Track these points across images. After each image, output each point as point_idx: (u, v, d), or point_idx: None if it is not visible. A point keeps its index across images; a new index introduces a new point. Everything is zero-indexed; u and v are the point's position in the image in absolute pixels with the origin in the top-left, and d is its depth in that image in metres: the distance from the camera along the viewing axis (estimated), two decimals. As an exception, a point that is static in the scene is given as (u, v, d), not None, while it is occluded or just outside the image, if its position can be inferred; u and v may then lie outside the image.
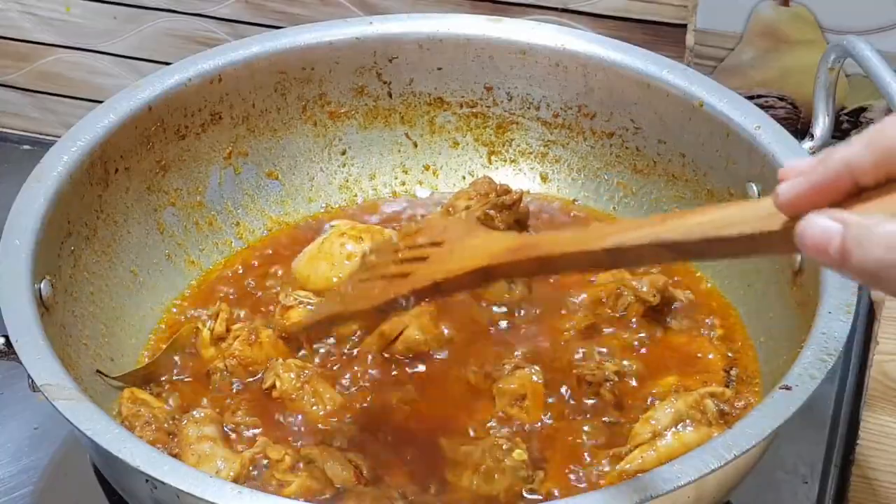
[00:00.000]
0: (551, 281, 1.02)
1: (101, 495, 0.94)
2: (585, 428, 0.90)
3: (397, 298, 0.79)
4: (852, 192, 0.56)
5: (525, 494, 0.85)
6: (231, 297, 1.04)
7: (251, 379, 0.95)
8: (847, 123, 1.10)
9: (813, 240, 0.55)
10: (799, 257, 0.92)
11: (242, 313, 1.01)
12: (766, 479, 0.94)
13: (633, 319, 0.98)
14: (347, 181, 1.15)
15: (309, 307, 0.97)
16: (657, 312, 0.99)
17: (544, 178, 1.13)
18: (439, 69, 1.12)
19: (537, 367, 0.93)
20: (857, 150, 0.55)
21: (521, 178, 1.14)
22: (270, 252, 1.09)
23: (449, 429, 0.90)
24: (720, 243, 0.61)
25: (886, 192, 0.55)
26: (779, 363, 0.88)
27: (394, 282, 0.80)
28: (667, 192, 1.07)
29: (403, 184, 1.15)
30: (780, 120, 1.00)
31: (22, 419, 1.01)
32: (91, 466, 0.95)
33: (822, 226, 0.55)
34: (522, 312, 1.00)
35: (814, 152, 0.98)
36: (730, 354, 0.97)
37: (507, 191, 1.05)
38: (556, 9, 1.16)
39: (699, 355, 0.96)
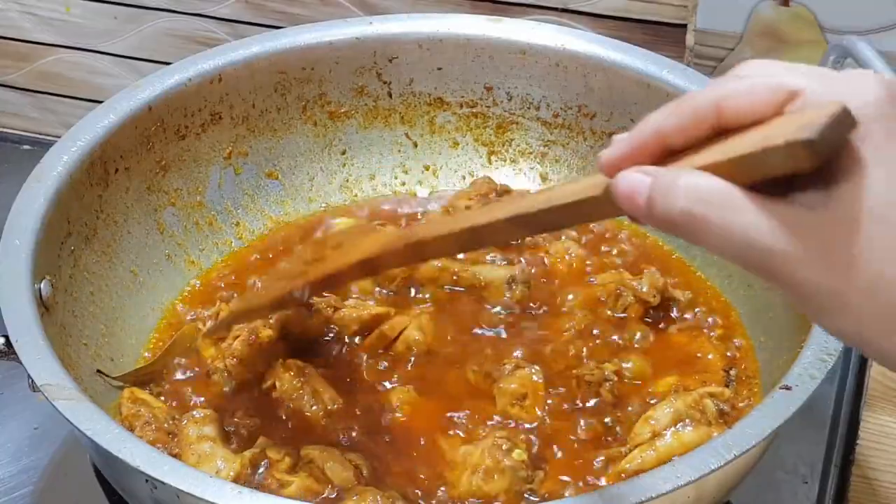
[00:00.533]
0: (552, 282, 1.02)
1: (101, 495, 0.94)
2: (584, 427, 0.90)
3: (292, 291, 0.88)
4: (665, 154, 0.60)
5: (525, 495, 0.85)
6: (231, 297, 1.04)
7: (251, 378, 0.95)
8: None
9: (623, 191, 0.59)
10: None
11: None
12: (766, 479, 0.94)
13: (633, 319, 0.98)
14: (347, 181, 1.15)
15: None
16: (657, 312, 0.99)
17: (544, 178, 1.13)
18: (439, 69, 1.12)
19: (537, 367, 0.93)
20: (664, 115, 0.61)
21: (521, 178, 1.14)
22: (270, 252, 1.09)
23: (449, 429, 0.90)
24: (556, 212, 0.66)
25: (694, 151, 0.59)
26: (779, 363, 0.88)
27: (293, 280, 0.88)
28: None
29: (403, 184, 1.15)
30: (780, 120, 1.00)
31: (22, 419, 1.01)
32: (91, 466, 0.95)
33: (631, 178, 0.59)
34: (522, 312, 1.00)
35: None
36: (729, 354, 0.97)
37: (508, 191, 1.05)
38: (556, 9, 1.16)
39: (699, 355, 0.96)
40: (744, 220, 0.55)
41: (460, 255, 1.02)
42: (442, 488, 0.86)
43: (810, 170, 0.54)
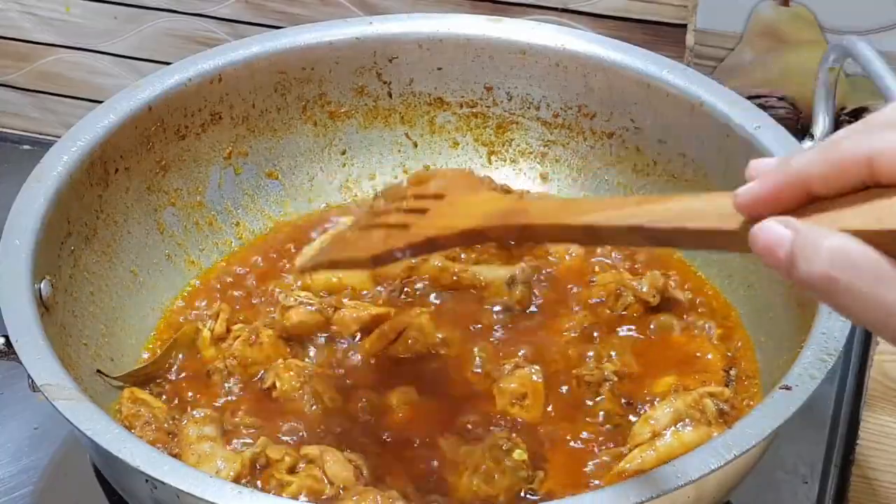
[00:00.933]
0: (552, 282, 1.02)
1: (101, 495, 0.94)
2: (584, 428, 0.90)
3: (393, 250, 0.80)
4: (807, 201, 0.57)
5: (525, 494, 0.85)
6: (232, 297, 1.04)
7: (252, 379, 0.95)
8: (847, 123, 1.09)
9: (765, 244, 0.57)
10: None
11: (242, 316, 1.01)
12: (766, 479, 0.94)
13: (632, 319, 0.98)
14: (347, 181, 1.15)
15: (309, 307, 0.97)
16: (657, 312, 0.99)
17: (544, 178, 1.13)
18: (439, 69, 1.12)
19: (537, 367, 0.93)
20: (811, 159, 0.57)
21: (521, 178, 1.14)
22: (271, 252, 1.09)
23: (449, 429, 0.90)
24: (684, 234, 0.63)
25: (840, 204, 0.56)
26: (779, 363, 0.88)
27: (392, 233, 0.81)
28: (667, 192, 1.07)
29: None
30: (779, 120, 1.00)
31: (22, 419, 1.01)
32: (91, 466, 0.95)
33: (774, 231, 0.56)
34: (522, 312, 1.00)
35: (814, 152, 0.98)
36: (729, 354, 0.96)
37: (508, 191, 1.05)
38: (556, 9, 1.16)
39: (698, 355, 0.96)
40: (890, 290, 0.53)
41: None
42: (442, 488, 0.86)
43: None
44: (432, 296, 1.01)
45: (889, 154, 0.54)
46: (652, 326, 0.98)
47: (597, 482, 0.86)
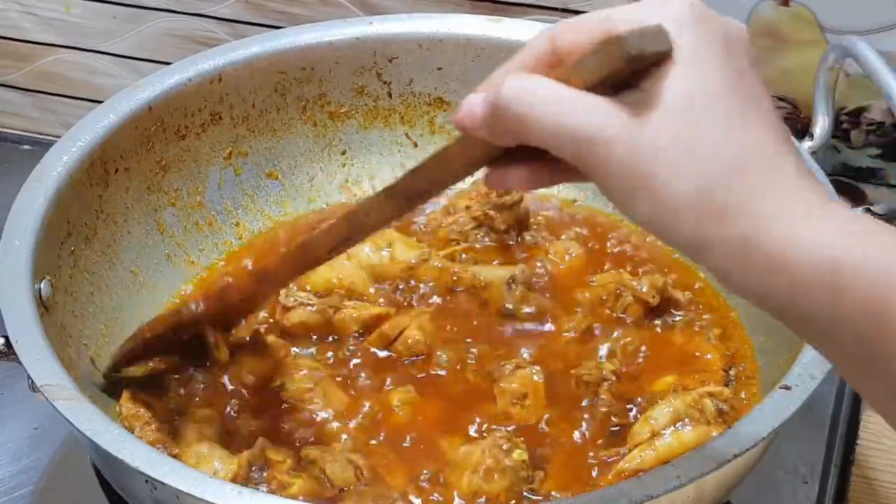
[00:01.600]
0: (552, 282, 1.02)
1: (101, 495, 0.94)
2: (584, 428, 0.90)
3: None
4: None
5: (525, 494, 0.85)
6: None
7: (255, 379, 0.95)
8: (847, 123, 1.10)
9: (463, 112, 0.64)
10: None
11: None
12: (766, 479, 0.94)
13: (632, 319, 0.98)
14: (347, 181, 1.14)
15: (310, 308, 0.97)
16: (656, 312, 0.99)
17: (544, 178, 1.13)
18: (439, 69, 1.12)
19: (538, 367, 0.93)
20: (515, 60, 0.65)
21: (520, 177, 1.14)
22: (271, 252, 1.09)
23: (449, 429, 0.90)
24: (422, 172, 0.71)
25: None
26: (779, 363, 0.88)
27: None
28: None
29: (403, 184, 1.15)
30: (779, 120, 1.00)
31: (22, 419, 1.01)
32: (91, 466, 0.95)
33: (466, 99, 0.64)
34: (523, 312, 0.99)
35: (814, 153, 0.98)
36: (729, 354, 0.96)
37: (508, 191, 1.05)
38: (556, 9, 1.16)
39: (697, 355, 0.96)
40: (564, 107, 0.59)
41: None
42: (442, 488, 0.86)
43: (626, 69, 0.58)
44: (433, 296, 1.01)
45: (563, 32, 0.63)
46: (655, 324, 0.98)
47: (597, 481, 0.86)
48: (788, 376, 0.80)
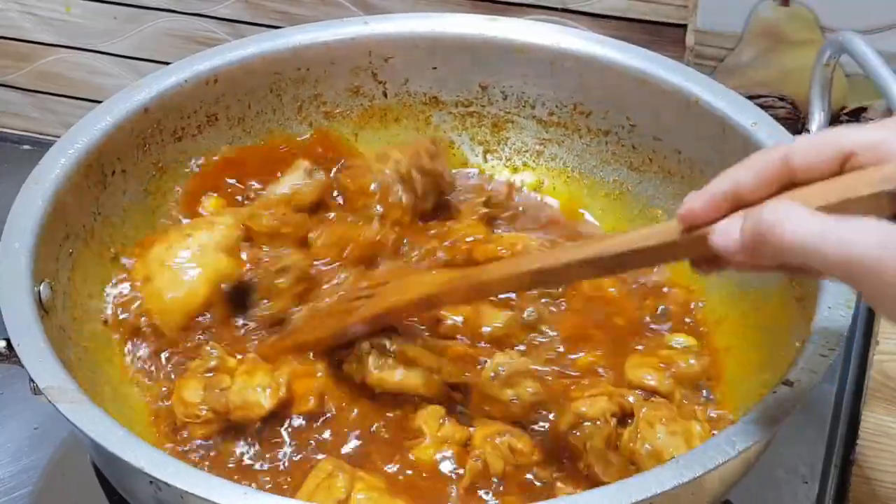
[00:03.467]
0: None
1: (101, 495, 0.94)
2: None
3: (350, 325, 0.89)
4: (739, 207, 0.67)
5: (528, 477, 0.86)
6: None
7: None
8: (847, 123, 1.10)
9: (719, 234, 0.66)
10: None
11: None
12: (766, 479, 0.94)
13: None
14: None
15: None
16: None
17: (540, 177, 1.13)
18: (434, 69, 1.12)
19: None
20: (737, 169, 0.67)
21: (516, 176, 1.14)
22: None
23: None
24: (632, 255, 0.72)
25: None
26: (778, 359, 0.88)
27: (344, 315, 0.90)
28: (662, 189, 1.07)
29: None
30: (780, 120, 1.00)
31: (22, 419, 1.02)
32: (91, 466, 0.95)
33: (723, 223, 0.66)
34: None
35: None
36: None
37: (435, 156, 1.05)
38: (555, 9, 1.16)
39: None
40: (843, 237, 0.60)
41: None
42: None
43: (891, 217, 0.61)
44: None
45: (800, 151, 0.65)
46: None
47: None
48: (789, 372, 0.80)
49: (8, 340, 0.84)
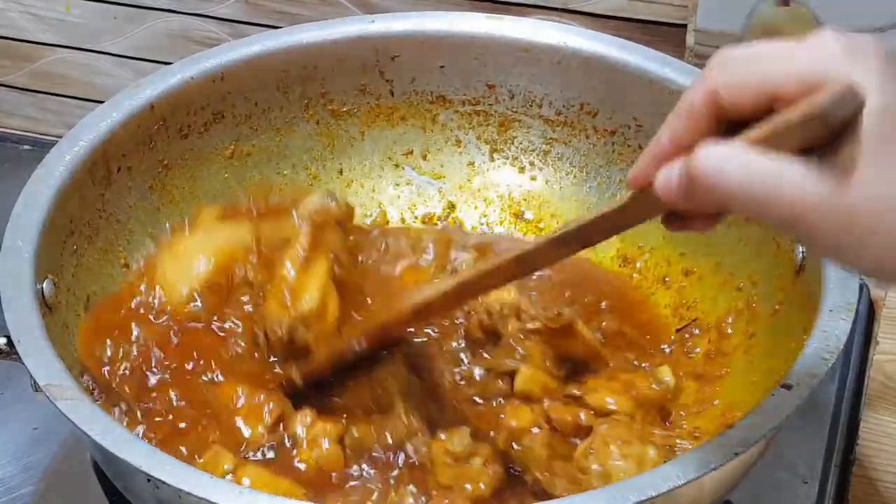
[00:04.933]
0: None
1: (102, 495, 0.94)
2: None
3: (349, 344, 0.90)
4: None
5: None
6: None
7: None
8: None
9: (660, 182, 0.65)
10: (800, 255, 0.92)
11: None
12: (766, 479, 0.94)
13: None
14: (351, 181, 1.15)
15: None
16: None
17: (546, 176, 1.13)
18: (441, 67, 1.12)
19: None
20: (667, 122, 0.66)
21: (523, 175, 1.14)
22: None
23: None
24: (596, 224, 0.74)
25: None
26: (778, 363, 0.88)
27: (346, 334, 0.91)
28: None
29: (406, 182, 1.15)
30: (780, 120, 1.00)
31: (22, 419, 1.01)
32: (91, 467, 0.95)
33: (664, 172, 0.65)
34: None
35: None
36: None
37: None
38: (556, 9, 1.16)
39: None
40: (773, 180, 0.60)
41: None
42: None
43: (823, 141, 0.60)
44: None
45: (727, 93, 0.63)
46: None
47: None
48: (788, 375, 0.80)
49: (9, 337, 0.83)
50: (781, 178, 0.60)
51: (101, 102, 1.03)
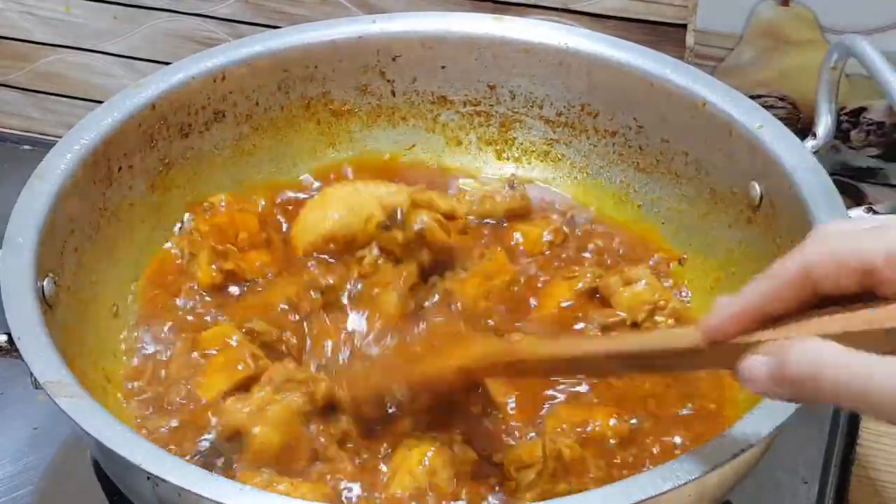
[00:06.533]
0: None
1: (102, 495, 0.94)
2: None
3: (392, 391, 0.89)
4: (767, 322, 0.65)
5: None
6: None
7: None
8: (847, 123, 1.10)
9: (745, 369, 0.65)
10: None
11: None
12: (766, 479, 0.94)
13: None
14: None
15: None
16: None
17: (547, 176, 1.13)
18: (443, 68, 1.12)
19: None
20: (759, 283, 0.65)
21: (523, 176, 1.14)
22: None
23: None
24: (655, 355, 0.73)
25: (796, 319, 0.64)
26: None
27: (389, 375, 0.90)
28: (669, 191, 1.07)
29: (407, 182, 1.15)
30: (780, 120, 1.00)
31: (22, 419, 1.01)
32: (91, 466, 0.95)
33: (749, 359, 0.64)
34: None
35: (816, 151, 0.98)
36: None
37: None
38: (556, 9, 1.16)
39: None
40: (857, 372, 0.59)
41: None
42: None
43: None
44: None
45: (822, 265, 0.63)
46: None
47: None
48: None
49: (9, 335, 0.83)
50: (871, 378, 0.59)
51: (101, 102, 1.03)
